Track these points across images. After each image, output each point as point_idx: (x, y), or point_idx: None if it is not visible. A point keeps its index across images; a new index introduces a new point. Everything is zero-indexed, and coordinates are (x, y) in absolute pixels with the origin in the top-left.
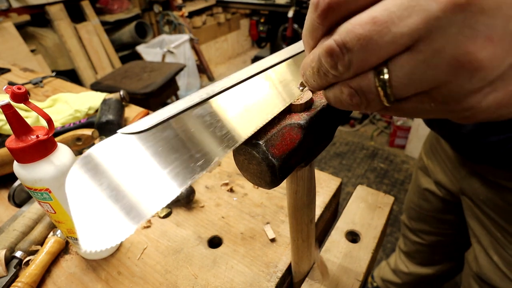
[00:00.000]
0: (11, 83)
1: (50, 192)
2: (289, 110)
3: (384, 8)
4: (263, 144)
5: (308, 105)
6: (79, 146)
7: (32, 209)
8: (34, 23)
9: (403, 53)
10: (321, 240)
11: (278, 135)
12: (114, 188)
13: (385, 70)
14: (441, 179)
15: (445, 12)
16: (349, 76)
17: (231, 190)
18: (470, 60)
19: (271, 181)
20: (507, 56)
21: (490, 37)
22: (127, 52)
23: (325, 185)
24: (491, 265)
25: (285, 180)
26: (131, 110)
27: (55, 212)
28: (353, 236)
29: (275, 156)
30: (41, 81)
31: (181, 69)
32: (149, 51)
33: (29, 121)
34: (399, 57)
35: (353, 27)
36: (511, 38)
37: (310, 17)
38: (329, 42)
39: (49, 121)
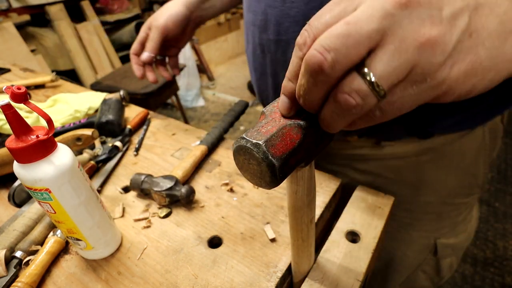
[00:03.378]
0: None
1: (50, 192)
2: None
3: (353, 15)
4: (263, 144)
5: None
6: (79, 146)
7: (32, 209)
8: (34, 23)
9: (376, 49)
10: (321, 240)
11: (278, 135)
12: None
13: (366, 70)
14: None
15: (396, 9)
16: (336, 76)
17: (231, 190)
18: (426, 38)
19: (271, 181)
20: (451, 33)
21: (432, 21)
22: (127, 52)
23: (325, 185)
24: None
25: (285, 180)
26: (131, 110)
27: (55, 212)
28: (353, 236)
29: (275, 156)
30: None
31: (181, 69)
32: None
33: (29, 121)
34: (375, 53)
35: (330, 30)
36: (446, 20)
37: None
38: (310, 51)
39: (49, 121)
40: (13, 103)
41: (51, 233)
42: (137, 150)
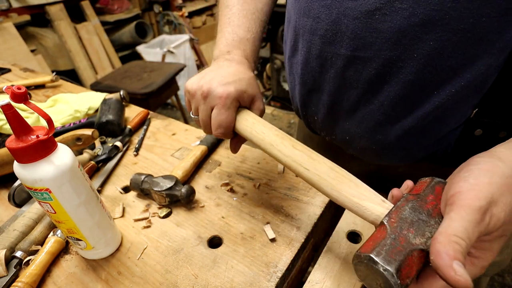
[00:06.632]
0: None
1: (50, 192)
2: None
3: None
4: (396, 275)
5: None
6: (79, 146)
7: (32, 209)
8: (34, 23)
9: None
10: (321, 240)
11: (406, 263)
12: None
13: None
14: None
15: None
16: None
17: (231, 190)
18: None
19: None
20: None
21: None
22: (127, 52)
23: None
24: None
25: None
26: (131, 110)
27: (55, 212)
28: (354, 237)
29: (402, 285)
30: None
31: (181, 69)
32: (149, 51)
33: (29, 121)
34: None
35: None
36: None
37: None
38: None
39: (49, 121)
40: (13, 103)
41: (51, 233)
42: (137, 150)
